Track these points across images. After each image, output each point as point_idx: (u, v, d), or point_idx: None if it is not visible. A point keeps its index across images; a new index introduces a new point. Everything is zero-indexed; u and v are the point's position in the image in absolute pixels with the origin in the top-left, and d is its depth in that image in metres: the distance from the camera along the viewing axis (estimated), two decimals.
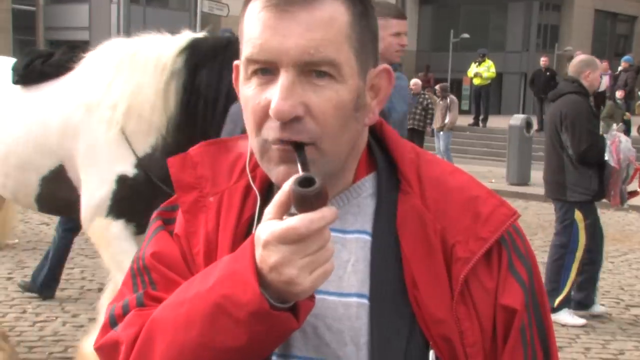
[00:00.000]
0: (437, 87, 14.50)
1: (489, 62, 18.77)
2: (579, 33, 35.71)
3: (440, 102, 13.51)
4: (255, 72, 0.96)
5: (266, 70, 0.95)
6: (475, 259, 0.99)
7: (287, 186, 0.87)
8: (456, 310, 0.98)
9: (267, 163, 0.98)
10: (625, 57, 18.03)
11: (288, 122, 0.93)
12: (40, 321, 5.17)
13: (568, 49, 26.86)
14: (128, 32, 25.11)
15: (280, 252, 0.85)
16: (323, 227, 0.85)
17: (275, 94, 0.93)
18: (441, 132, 13.39)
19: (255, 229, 1.03)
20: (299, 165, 0.91)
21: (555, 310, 5.36)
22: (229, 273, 0.90)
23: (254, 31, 0.95)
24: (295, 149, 0.93)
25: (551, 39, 34.94)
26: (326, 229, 0.86)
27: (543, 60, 18.16)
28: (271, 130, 0.95)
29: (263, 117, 0.95)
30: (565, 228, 5.49)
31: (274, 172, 0.97)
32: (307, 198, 0.84)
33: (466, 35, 30.12)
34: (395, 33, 3.68)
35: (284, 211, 0.88)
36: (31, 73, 3.82)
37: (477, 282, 1.00)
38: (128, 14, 24.98)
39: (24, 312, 5.35)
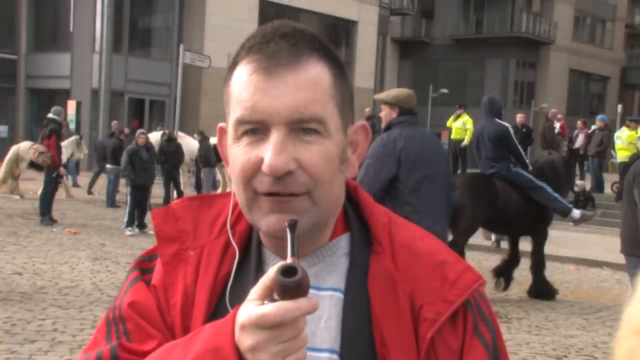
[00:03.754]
0: None
1: (465, 117, 19.06)
2: (554, 91, 36.56)
3: None
4: (245, 132, 1.00)
5: (255, 130, 0.99)
6: (442, 321, 1.03)
7: (272, 272, 0.90)
8: None
9: (256, 214, 1.01)
10: (600, 116, 18.41)
11: (281, 177, 0.97)
12: None
13: (544, 106, 27.39)
14: (109, 82, 25.32)
15: (255, 336, 0.88)
16: (298, 317, 0.88)
17: (268, 151, 0.96)
18: None
19: (230, 286, 1.06)
20: (288, 244, 0.94)
21: None
22: (211, 348, 0.92)
23: (244, 94, 0.99)
24: (289, 228, 0.96)
25: (527, 96, 35.68)
26: (301, 319, 0.89)
27: (519, 117, 18.48)
28: (262, 184, 0.99)
29: (253, 172, 0.99)
30: None
31: (264, 221, 1.00)
32: (287, 288, 0.87)
33: (445, 91, 30.65)
34: None
35: (267, 295, 0.90)
36: None
37: (442, 342, 1.03)
38: (110, 64, 25.22)
39: None
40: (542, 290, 8.37)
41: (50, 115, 12.59)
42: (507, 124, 8.28)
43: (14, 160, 14.68)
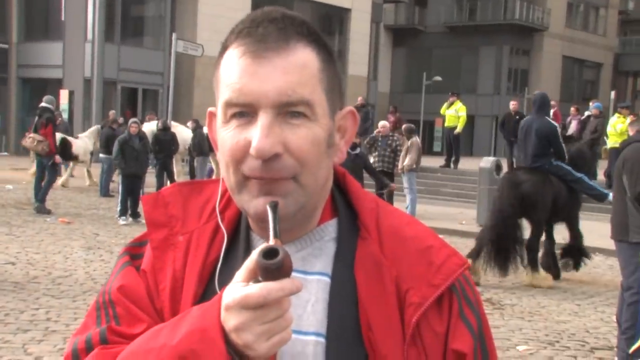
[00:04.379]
0: (402, 127, 14.55)
1: (458, 104, 19.03)
2: (547, 78, 36.57)
3: (406, 143, 13.59)
4: (233, 115, 1.00)
5: (244, 113, 0.99)
6: (427, 304, 1.04)
7: (254, 254, 0.91)
8: (407, 352, 1.03)
9: (245, 196, 1.02)
10: (596, 103, 18.33)
11: (268, 160, 0.97)
12: None
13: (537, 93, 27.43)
14: (102, 71, 25.23)
15: (240, 316, 0.89)
16: (281, 297, 0.89)
17: (255, 134, 0.97)
18: (403, 173, 13.45)
19: (218, 270, 1.06)
20: (270, 225, 0.95)
21: (633, 357, 5.26)
22: (198, 329, 0.93)
23: (233, 77, 1.00)
24: (271, 209, 0.97)
25: (521, 83, 35.71)
26: (285, 299, 0.90)
27: (512, 104, 18.45)
28: (251, 170, 0.99)
29: (242, 156, 1.00)
30: (632, 272, 5.53)
31: (253, 203, 1.01)
32: (269, 270, 0.88)
33: (438, 78, 30.65)
34: None
35: (252, 277, 0.91)
36: None
37: (428, 326, 1.04)
38: (102, 53, 25.10)
39: None
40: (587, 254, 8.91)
41: (43, 104, 12.62)
42: (555, 123, 8.89)
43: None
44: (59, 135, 14.18)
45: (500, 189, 8.49)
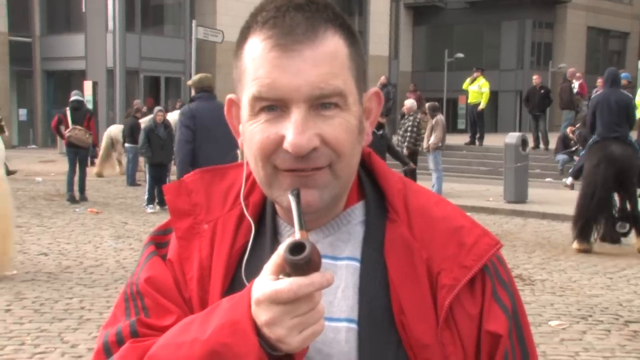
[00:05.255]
0: (426, 105, 14.42)
1: (481, 80, 18.82)
2: (572, 50, 35.97)
3: (430, 122, 13.51)
4: (262, 109, 0.98)
5: (273, 107, 0.97)
6: (460, 287, 1.02)
7: (281, 250, 0.90)
8: (441, 335, 1.01)
9: (276, 190, 1.00)
10: (624, 74, 18.00)
11: (305, 154, 0.96)
12: (39, 352, 5.15)
13: (562, 66, 27.04)
14: (124, 61, 25.36)
15: (270, 311, 0.89)
16: (311, 292, 0.88)
17: (290, 129, 0.95)
18: (428, 152, 13.38)
19: (246, 259, 1.06)
20: (295, 217, 0.94)
21: None
22: (229, 322, 0.92)
23: (261, 70, 0.97)
24: (294, 198, 0.96)
25: (545, 57, 35.18)
26: (316, 292, 0.89)
27: (535, 78, 18.22)
28: (284, 161, 0.98)
29: (273, 149, 0.98)
30: None
31: (285, 197, 0.98)
32: (297, 265, 0.87)
33: (460, 55, 30.32)
34: None
35: (280, 271, 0.90)
36: None
37: (461, 308, 1.03)
38: (124, 43, 25.22)
39: (23, 344, 5.33)
40: None
41: (76, 97, 12.91)
42: (630, 95, 9.74)
43: (110, 144, 16.55)
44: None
45: (596, 164, 8.74)
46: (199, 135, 6.67)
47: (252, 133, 1.00)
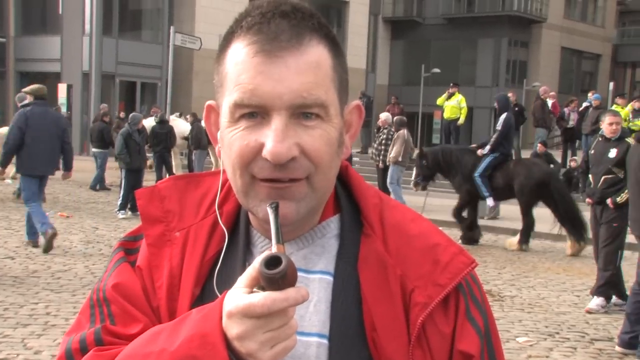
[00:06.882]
0: (393, 119, 14.22)
1: (459, 96, 18.97)
2: (546, 69, 36.48)
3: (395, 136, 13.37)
4: (242, 116, 0.96)
5: (254, 114, 0.96)
6: (433, 305, 1.01)
7: (257, 263, 0.88)
8: (412, 353, 1.00)
9: (252, 200, 0.98)
10: (596, 95, 18.26)
11: (284, 163, 0.94)
12: (0, 359, 5.04)
13: (536, 85, 27.35)
14: (100, 65, 25.15)
15: (243, 325, 0.87)
16: (285, 307, 0.86)
17: (269, 137, 0.94)
18: (390, 165, 13.24)
19: (218, 268, 1.04)
20: (272, 230, 0.92)
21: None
22: (198, 334, 0.90)
23: (243, 76, 0.95)
24: (272, 210, 0.94)
25: (520, 75, 35.58)
26: (290, 308, 0.87)
27: (510, 96, 18.43)
28: (262, 170, 0.96)
29: (251, 157, 0.96)
30: None
31: (262, 207, 0.97)
32: (272, 280, 0.86)
33: (437, 70, 30.54)
34: None
35: (254, 284, 0.88)
36: None
37: (433, 326, 1.02)
38: (100, 46, 25.01)
39: None
40: None
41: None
42: None
43: None
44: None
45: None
46: (30, 134, 8.18)
47: (231, 140, 0.98)
